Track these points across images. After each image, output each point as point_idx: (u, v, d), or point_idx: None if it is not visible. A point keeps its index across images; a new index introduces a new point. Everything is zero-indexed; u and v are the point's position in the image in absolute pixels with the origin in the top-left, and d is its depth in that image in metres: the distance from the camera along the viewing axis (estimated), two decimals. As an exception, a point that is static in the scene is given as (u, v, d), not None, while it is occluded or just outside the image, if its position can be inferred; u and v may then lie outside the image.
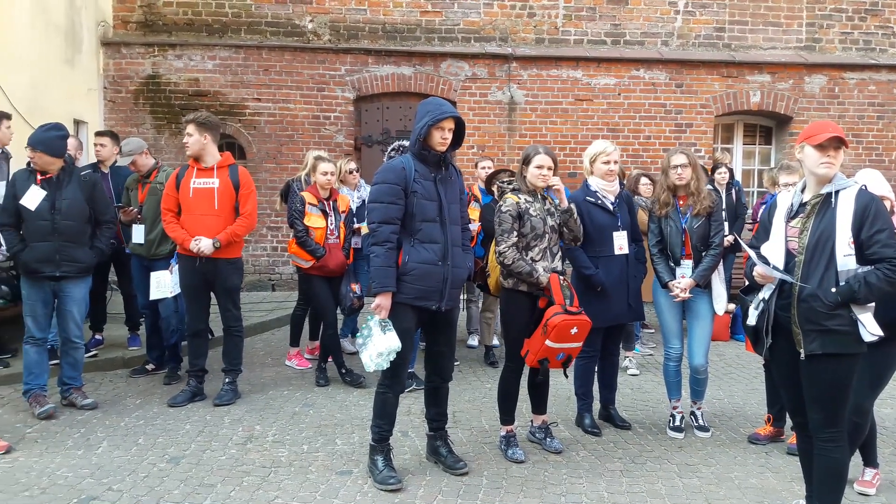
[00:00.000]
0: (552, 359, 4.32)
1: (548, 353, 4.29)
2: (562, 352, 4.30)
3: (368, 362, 3.94)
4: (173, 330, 5.98)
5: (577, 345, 4.35)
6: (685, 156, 4.84)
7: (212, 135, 5.41)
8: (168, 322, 5.95)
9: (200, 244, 5.25)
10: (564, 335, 4.23)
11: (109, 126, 9.38)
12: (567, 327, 4.22)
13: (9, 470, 4.20)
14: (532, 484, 4.12)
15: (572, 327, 4.24)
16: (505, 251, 4.36)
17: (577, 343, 4.33)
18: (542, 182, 4.45)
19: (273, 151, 9.85)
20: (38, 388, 5.15)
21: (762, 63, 10.14)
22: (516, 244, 4.37)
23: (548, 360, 4.33)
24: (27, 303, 5.11)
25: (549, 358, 4.31)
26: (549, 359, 4.32)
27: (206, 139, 5.37)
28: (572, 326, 4.24)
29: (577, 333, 4.28)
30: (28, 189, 5.05)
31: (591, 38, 10.09)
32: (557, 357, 4.32)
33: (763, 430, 4.86)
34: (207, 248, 5.27)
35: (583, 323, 4.29)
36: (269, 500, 3.87)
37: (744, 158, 10.71)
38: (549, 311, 4.28)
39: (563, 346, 4.27)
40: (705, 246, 4.82)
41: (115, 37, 9.70)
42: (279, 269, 10.00)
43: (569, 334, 4.24)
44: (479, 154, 9.16)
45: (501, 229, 4.40)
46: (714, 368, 6.43)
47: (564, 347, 4.29)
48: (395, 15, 9.91)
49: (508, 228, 4.38)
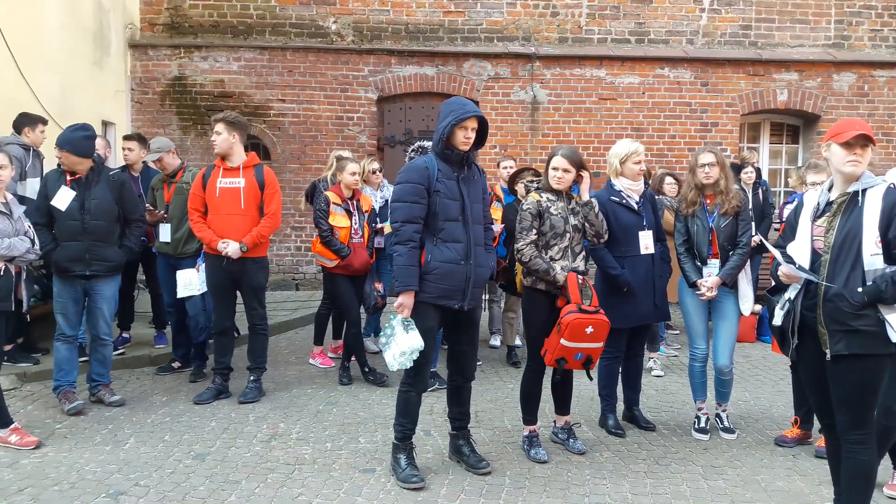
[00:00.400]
0: (570, 359, 4.30)
1: (564, 353, 4.27)
2: (580, 352, 4.28)
3: (392, 361, 3.95)
4: (201, 328, 6.04)
5: (597, 345, 4.31)
6: (713, 154, 4.80)
7: (240, 134, 5.47)
8: (196, 320, 6.01)
9: (228, 249, 5.30)
10: (579, 334, 4.21)
11: (136, 127, 9.53)
12: (581, 326, 4.20)
13: (39, 465, 4.27)
14: (555, 484, 4.11)
15: (587, 326, 4.21)
16: (522, 248, 4.38)
17: (595, 343, 4.29)
18: (556, 184, 4.44)
19: (297, 152, 9.92)
20: (67, 385, 5.23)
21: (789, 61, 10.01)
22: (535, 242, 4.39)
23: (565, 360, 4.31)
24: (58, 301, 5.21)
25: (566, 357, 4.29)
26: (567, 358, 4.30)
27: (235, 138, 5.42)
28: (587, 325, 4.21)
29: (594, 333, 4.24)
30: (58, 190, 5.14)
31: (614, 36, 10.03)
32: (575, 357, 4.30)
33: (790, 433, 4.81)
34: (235, 253, 5.32)
35: (599, 322, 4.25)
36: (292, 497, 3.90)
37: (770, 158, 10.58)
38: (564, 309, 4.27)
39: (579, 345, 4.24)
40: (732, 245, 4.77)
41: (142, 39, 9.83)
42: (303, 269, 10.07)
43: (584, 333, 4.22)
44: (501, 154, 9.14)
45: (521, 227, 4.44)
46: (740, 370, 6.37)
47: (582, 347, 4.26)
48: (418, 15, 9.93)
49: (528, 226, 4.41)
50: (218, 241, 5.33)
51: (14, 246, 4.47)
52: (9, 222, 4.55)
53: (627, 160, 4.80)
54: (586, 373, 4.49)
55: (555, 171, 4.44)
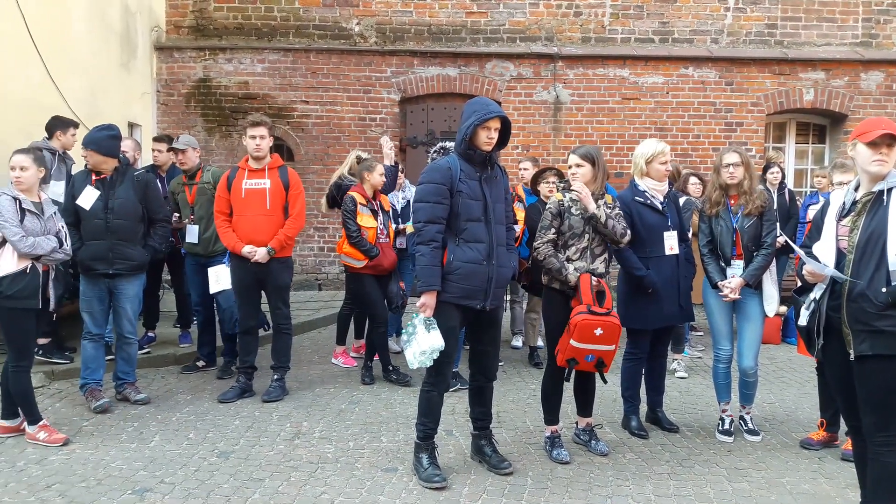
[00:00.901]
0: (581, 360, 4.29)
1: (574, 354, 4.27)
2: (590, 353, 4.26)
3: (412, 359, 3.96)
4: (235, 320, 6.11)
5: (608, 348, 4.28)
6: (738, 154, 4.76)
7: (272, 136, 5.55)
8: (230, 312, 6.06)
9: (257, 255, 5.35)
10: (588, 335, 4.19)
11: (162, 129, 9.64)
12: (590, 327, 4.18)
13: (66, 461, 4.34)
14: (577, 485, 4.09)
15: (596, 328, 4.19)
16: (538, 246, 4.43)
17: (605, 346, 4.26)
18: (571, 181, 4.47)
19: (320, 153, 9.98)
20: (93, 383, 5.31)
21: (816, 60, 9.88)
22: (553, 241, 4.40)
23: (576, 361, 4.30)
24: (84, 299, 5.29)
25: (576, 358, 4.29)
26: (578, 359, 4.29)
27: (271, 141, 5.52)
28: (596, 327, 4.19)
29: (604, 335, 4.21)
30: (84, 189, 5.23)
31: (638, 36, 9.97)
32: (586, 358, 4.28)
33: (816, 435, 4.74)
34: (262, 258, 5.38)
35: (608, 325, 4.22)
36: (316, 495, 3.93)
37: (796, 157, 10.45)
38: (574, 310, 4.27)
39: (588, 346, 4.23)
40: (757, 246, 4.73)
41: (168, 41, 9.95)
42: (325, 269, 10.13)
43: (593, 335, 4.20)
44: (523, 154, 9.13)
45: (540, 226, 4.48)
46: (765, 372, 6.30)
47: (592, 349, 4.24)
48: (441, 16, 9.95)
49: (547, 225, 4.44)
50: (243, 246, 5.38)
51: (38, 244, 4.54)
52: (38, 221, 4.63)
53: (653, 160, 4.76)
54: (600, 375, 4.47)
55: (569, 170, 4.49)
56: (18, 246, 4.47)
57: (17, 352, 4.58)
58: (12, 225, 4.48)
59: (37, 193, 4.71)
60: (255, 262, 5.39)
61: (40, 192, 4.76)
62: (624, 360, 4.99)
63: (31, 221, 4.59)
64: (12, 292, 4.47)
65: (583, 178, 4.44)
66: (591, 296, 4.27)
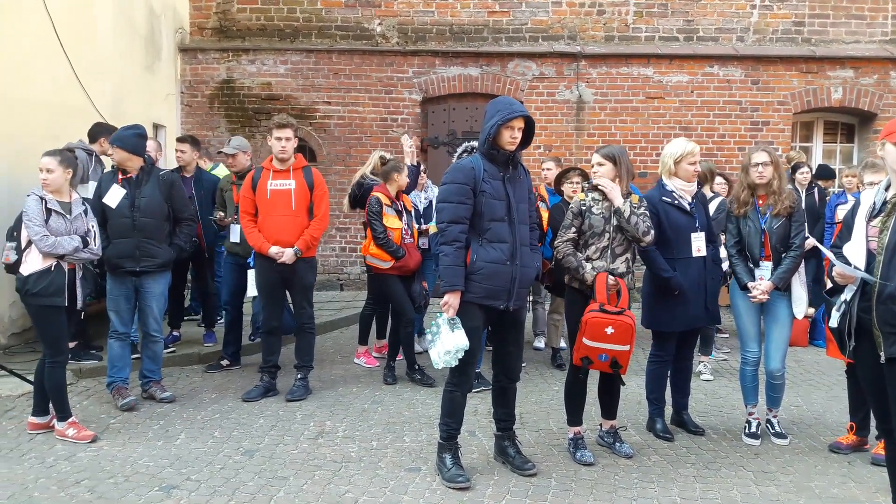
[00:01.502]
0: (594, 359, 4.28)
1: (587, 352, 4.26)
2: (603, 353, 4.24)
3: (437, 359, 3.96)
4: (257, 328, 6.16)
5: (620, 347, 4.24)
6: (767, 153, 4.69)
7: (297, 138, 5.60)
8: (254, 319, 6.14)
9: (284, 256, 5.38)
10: (599, 334, 4.18)
11: (186, 130, 9.73)
12: (601, 326, 4.17)
13: (94, 458, 4.39)
14: (602, 487, 4.07)
15: (606, 326, 4.17)
16: (558, 245, 4.46)
17: (619, 345, 4.23)
18: (593, 179, 4.48)
19: (342, 154, 10.00)
20: (120, 381, 5.37)
21: (844, 58, 9.73)
22: (573, 240, 4.42)
23: (590, 360, 4.29)
24: (111, 298, 5.35)
25: (590, 357, 4.28)
26: (591, 358, 4.28)
27: (296, 142, 5.57)
28: (606, 326, 4.17)
29: (615, 334, 4.18)
30: (110, 188, 5.29)
31: (662, 34, 9.89)
32: (599, 358, 4.26)
33: (845, 439, 4.67)
34: (290, 258, 5.41)
35: (620, 324, 4.19)
36: (339, 493, 3.94)
37: (824, 157, 10.31)
38: (587, 308, 4.26)
39: (601, 345, 4.21)
40: (785, 247, 4.65)
41: (191, 43, 10.04)
42: (347, 269, 10.16)
43: (604, 333, 4.18)
44: (545, 154, 9.10)
45: (562, 225, 4.50)
46: (792, 375, 6.22)
47: (604, 348, 4.23)
48: (463, 16, 9.94)
49: (567, 224, 4.46)
50: (269, 246, 5.41)
51: (59, 244, 4.59)
52: (63, 221, 4.68)
53: (682, 160, 4.69)
54: (617, 377, 4.44)
55: (591, 169, 4.51)
56: (39, 245, 4.55)
57: (50, 347, 4.65)
58: (35, 224, 4.55)
59: (67, 193, 4.77)
60: (282, 262, 5.41)
61: (72, 192, 4.82)
62: (649, 362, 4.95)
63: (56, 221, 4.65)
64: (38, 290, 4.56)
65: (604, 178, 4.42)
66: (606, 294, 4.25)
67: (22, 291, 4.63)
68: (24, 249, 4.62)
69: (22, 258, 4.62)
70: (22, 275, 4.61)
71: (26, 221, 4.57)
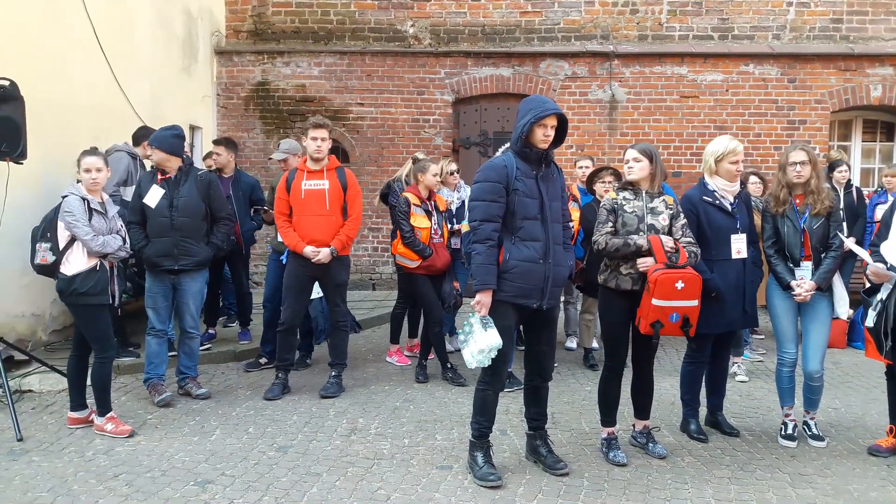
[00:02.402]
0: (665, 321, 4.18)
1: (658, 315, 4.16)
2: (674, 311, 4.16)
3: (470, 359, 3.96)
4: (321, 330, 6.24)
5: (691, 303, 4.18)
6: (805, 152, 4.60)
7: (331, 139, 5.68)
8: (316, 322, 6.25)
9: (320, 255, 5.44)
10: (670, 290, 4.11)
11: (222, 132, 9.87)
12: (671, 281, 4.10)
13: (132, 453, 4.48)
14: (635, 488, 4.04)
15: (676, 281, 4.11)
16: (597, 238, 4.36)
17: (689, 301, 4.16)
18: (627, 175, 4.43)
19: (374, 155, 10.07)
20: (156, 378, 5.47)
21: (884, 55, 9.53)
22: (611, 233, 4.34)
23: (661, 324, 4.19)
24: (149, 295, 5.45)
25: (661, 320, 4.18)
26: (662, 321, 4.18)
27: (331, 143, 5.65)
28: (676, 280, 4.11)
29: (686, 289, 4.13)
30: (149, 188, 5.39)
31: (696, 33, 9.79)
32: (671, 318, 4.17)
33: (885, 442, 4.57)
34: (326, 258, 5.47)
35: (689, 277, 4.14)
36: (372, 490, 3.96)
37: (863, 156, 10.11)
38: (650, 269, 4.18)
39: (672, 303, 4.13)
40: (824, 247, 4.56)
41: (227, 46, 10.18)
42: (379, 269, 10.21)
43: (675, 289, 4.11)
44: (578, 154, 9.05)
45: (597, 222, 4.42)
46: (830, 377, 6.10)
47: (676, 306, 4.15)
48: (495, 16, 9.94)
49: (604, 220, 4.39)
50: (304, 245, 5.47)
51: (108, 243, 4.71)
52: (104, 221, 4.79)
53: (724, 159, 4.61)
54: (686, 335, 4.35)
55: (626, 164, 4.43)
56: (91, 245, 4.64)
57: (99, 344, 4.75)
58: (83, 224, 4.64)
59: (99, 194, 4.87)
60: (318, 261, 5.46)
61: (102, 193, 4.92)
62: (684, 363, 4.90)
63: (98, 221, 4.75)
64: (86, 289, 4.64)
65: (640, 173, 4.37)
66: (665, 254, 4.19)
67: (67, 292, 4.67)
68: (63, 250, 4.67)
69: (63, 258, 4.68)
70: (65, 275, 4.66)
71: (73, 221, 4.62)
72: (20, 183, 5.62)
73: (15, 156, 5.33)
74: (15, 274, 5.76)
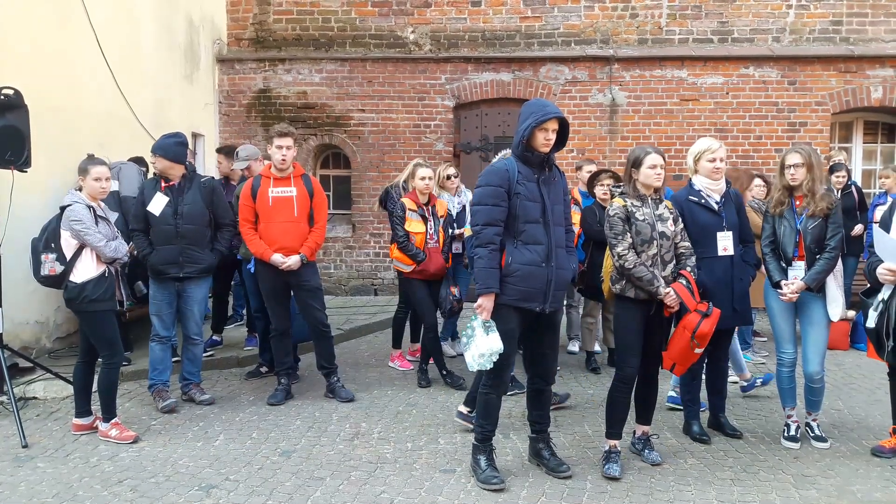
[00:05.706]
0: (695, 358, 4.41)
1: (696, 358, 4.37)
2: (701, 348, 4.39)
3: (471, 362, 3.98)
4: None
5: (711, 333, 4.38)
6: (799, 155, 4.62)
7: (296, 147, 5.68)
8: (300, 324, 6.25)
9: (289, 262, 5.42)
10: (709, 336, 4.28)
11: (224, 139, 9.91)
12: (713, 328, 4.26)
13: (136, 458, 4.50)
14: (638, 490, 4.04)
15: (713, 326, 4.27)
16: (624, 254, 4.22)
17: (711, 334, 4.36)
18: (657, 181, 4.32)
19: (376, 160, 10.09)
20: (161, 384, 5.49)
21: (884, 56, 9.54)
22: (632, 246, 4.26)
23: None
24: (153, 302, 5.48)
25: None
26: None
27: (296, 151, 5.65)
28: (713, 325, 4.27)
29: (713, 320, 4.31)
30: (153, 196, 5.42)
31: (696, 36, 9.81)
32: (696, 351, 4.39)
33: (888, 443, 4.57)
34: (296, 264, 5.46)
35: (717, 317, 4.30)
36: (375, 494, 3.98)
37: (864, 158, 10.12)
38: (688, 319, 4.23)
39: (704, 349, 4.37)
40: (820, 248, 4.57)
41: (229, 53, 10.23)
42: (381, 274, 10.23)
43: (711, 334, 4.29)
44: (578, 157, 9.08)
45: (613, 233, 4.28)
46: (832, 378, 6.11)
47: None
48: (495, 22, 9.98)
49: (620, 231, 4.27)
50: (271, 253, 5.44)
51: (119, 248, 4.76)
52: (108, 227, 4.83)
53: (701, 158, 4.66)
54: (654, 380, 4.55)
55: (653, 170, 4.29)
56: (105, 251, 4.67)
57: (108, 349, 4.77)
58: (95, 232, 4.67)
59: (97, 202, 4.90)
60: (287, 268, 5.44)
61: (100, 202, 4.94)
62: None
63: (104, 228, 4.79)
64: (97, 296, 4.67)
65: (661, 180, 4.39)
66: (692, 297, 4.26)
67: (78, 299, 4.66)
68: (71, 259, 4.67)
69: (71, 267, 4.67)
70: (75, 283, 4.66)
71: (83, 230, 4.63)
72: (25, 191, 5.65)
73: (19, 164, 5.37)
74: (19, 282, 5.79)
